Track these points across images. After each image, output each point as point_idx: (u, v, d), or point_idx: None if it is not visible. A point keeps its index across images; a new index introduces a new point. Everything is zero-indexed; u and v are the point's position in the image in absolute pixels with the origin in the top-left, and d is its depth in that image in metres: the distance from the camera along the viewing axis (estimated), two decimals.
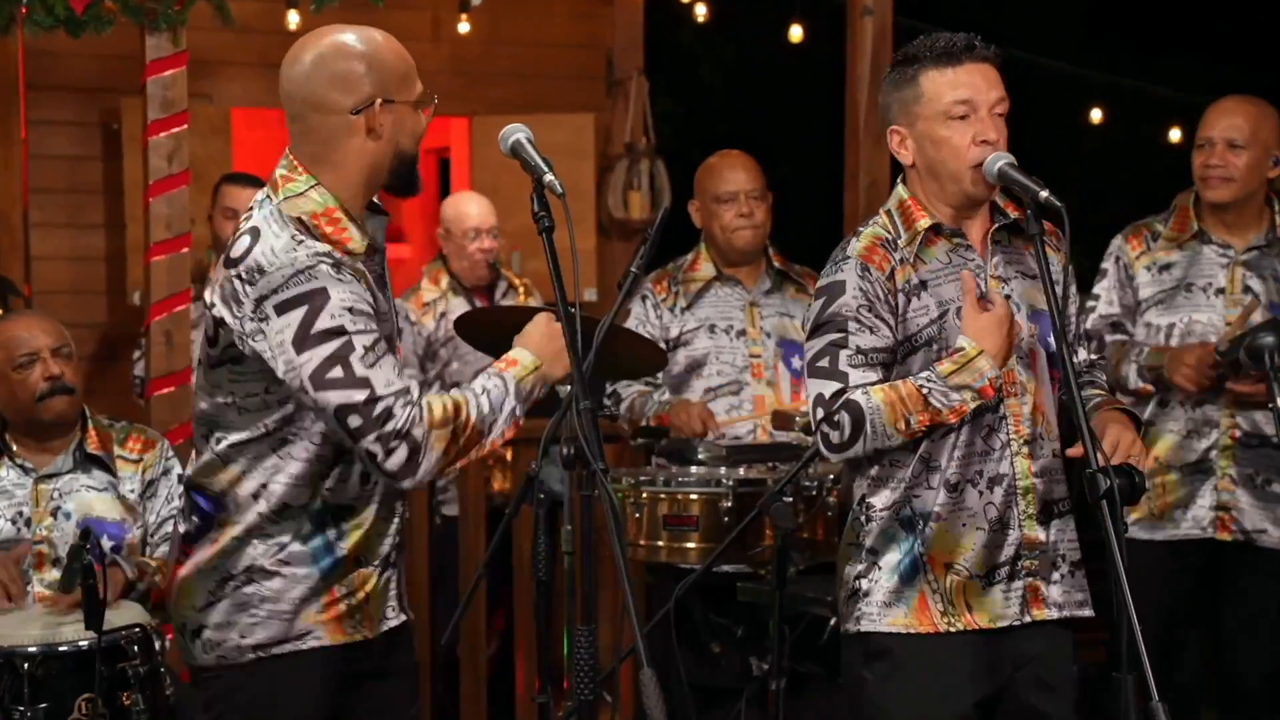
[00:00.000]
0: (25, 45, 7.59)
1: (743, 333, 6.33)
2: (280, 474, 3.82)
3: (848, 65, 7.15)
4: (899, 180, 4.22)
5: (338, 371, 3.68)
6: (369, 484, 3.86)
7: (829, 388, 4.02)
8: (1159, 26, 13.44)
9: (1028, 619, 4.09)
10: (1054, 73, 10.11)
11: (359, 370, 3.68)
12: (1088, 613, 4.17)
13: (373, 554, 3.90)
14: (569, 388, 3.78)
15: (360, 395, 3.67)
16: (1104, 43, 13.34)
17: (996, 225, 4.16)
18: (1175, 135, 9.62)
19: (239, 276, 3.74)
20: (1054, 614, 4.12)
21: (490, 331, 5.08)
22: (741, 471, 5.77)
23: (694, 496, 5.66)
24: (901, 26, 7.24)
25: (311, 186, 3.81)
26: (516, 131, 3.77)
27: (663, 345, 6.19)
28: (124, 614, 4.70)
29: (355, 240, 3.80)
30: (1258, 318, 5.61)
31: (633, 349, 5.44)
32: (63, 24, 6.00)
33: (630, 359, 5.48)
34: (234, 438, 3.84)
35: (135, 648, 4.63)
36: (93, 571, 4.33)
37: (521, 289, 7.66)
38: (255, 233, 3.78)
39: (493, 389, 3.85)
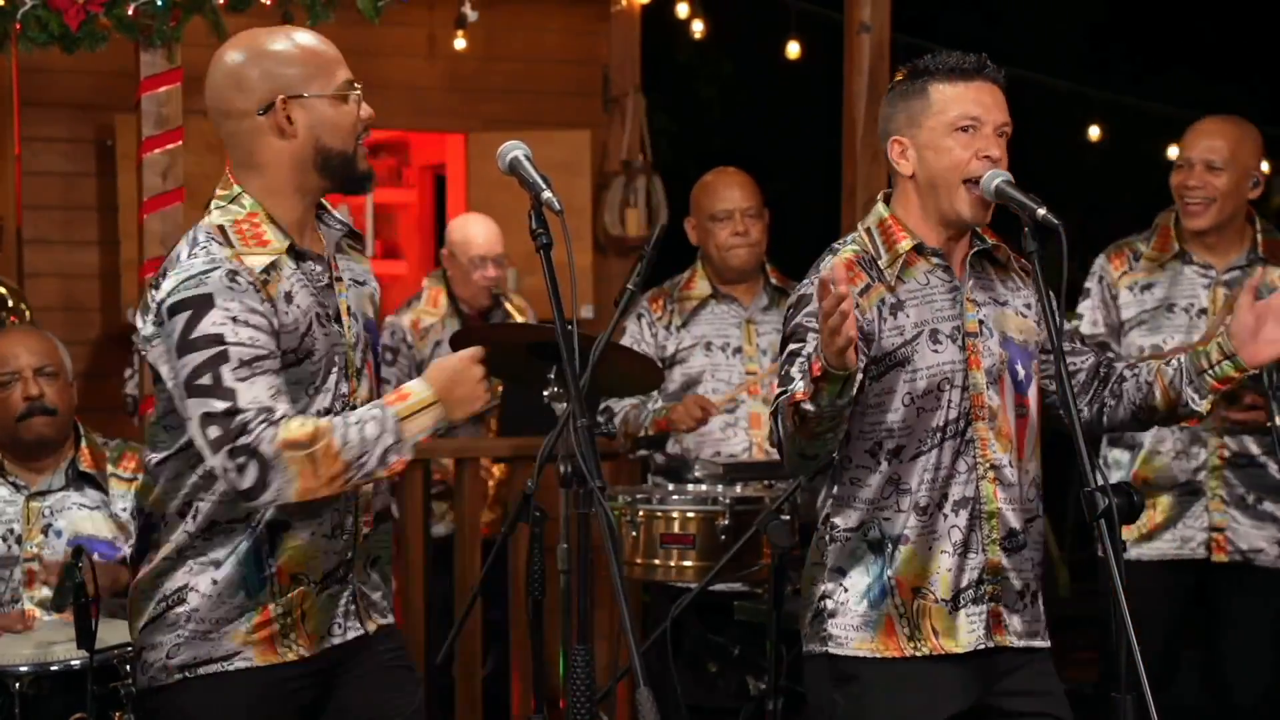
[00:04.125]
0: (19, 62, 7.60)
1: (739, 350, 6.31)
2: (206, 490, 3.80)
3: (845, 82, 7.14)
4: (880, 198, 4.21)
5: (207, 379, 3.62)
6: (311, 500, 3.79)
7: (775, 393, 4.00)
8: (1158, 44, 13.45)
9: (991, 644, 4.09)
10: (1053, 90, 10.11)
11: (227, 381, 3.60)
12: (1041, 644, 4.17)
13: (313, 571, 3.86)
14: (565, 405, 3.75)
15: (222, 405, 3.60)
16: (1103, 60, 13.34)
17: (975, 250, 4.16)
18: (1174, 152, 9.58)
19: (152, 285, 3.77)
20: (1016, 642, 4.12)
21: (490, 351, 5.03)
22: (738, 489, 5.75)
23: (690, 515, 5.64)
24: (899, 43, 7.24)
25: (238, 195, 3.83)
26: (515, 149, 3.75)
27: (658, 364, 6.17)
28: (116, 633, 4.67)
29: (274, 243, 3.78)
30: None
31: (630, 366, 5.42)
32: (57, 40, 5.99)
33: (627, 376, 5.47)
34: (159, 455, 3.83)
35: (127, 667, 4.60)
36: (84, 590, 4.31)
37: (518, 317, 7.58)
38: (175, 247, 3.82)
39: (369, 421, 3.68)
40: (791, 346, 4.01)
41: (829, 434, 3.85)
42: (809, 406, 3.73)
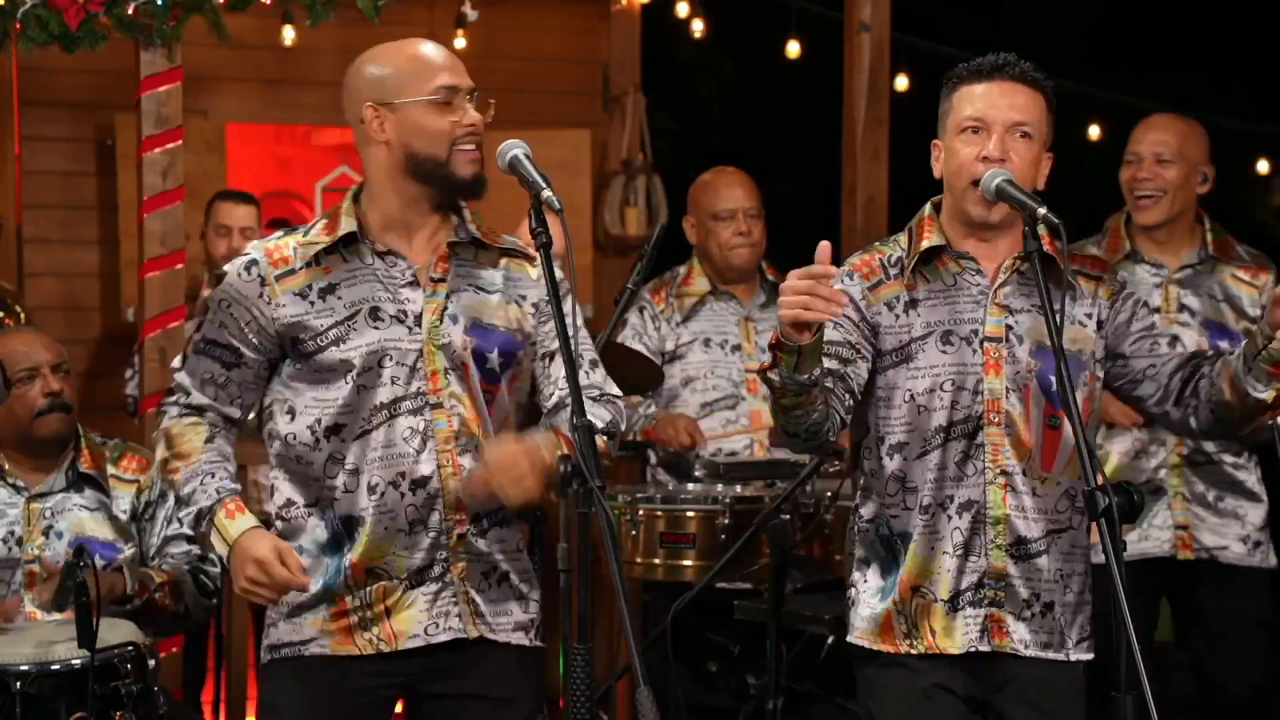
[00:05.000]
0: (19, 61, 7.60)
1: (738, 347, 6.31)
2: (279, 468, 4.00)
3: (845, 81, 7.14)
4: (931, 200, 4.22)
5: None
6: (375, 495, 3.87)
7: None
8: (1159, 43, 13.44)
9: (987, 647, 4.08)
10: (1054, 90, 10.09)
11: (188, 348, 4.03)
12: (1056, 656, 4.11)
13: (394, 567, 3.90)
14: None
15: (175, 366, 4.07)
16: (1103, 60, 13.33)
17: (1019, 254, 4.06)
18: None
19: None
20: (1024, 651, 4.09)
21: None
22: (739, 489, 5.75)
23: (691, 514, 5.64)
24: (899, 43, 7.24)
25: (352, 193, 4.02)
26: (514, 147, 3.76)
27: (659, 356, 6.18)
28: (117, 632, 4.67)
29: (335, 234, 3.94)
30: (1194, 333, 5.60)
31: (630, 365, 5.43)
32: (57, 40, 6.00)
33: (627, 375, 5.47)
34: None
35: (128, 666, 4.60)
36: (86, 590, 4.30)
37: None
38: None
39: (200, 503, 3.96)
40: None
41: (797, 411, 3.83)
42: (772, 376, 3.77)
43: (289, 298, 3.90)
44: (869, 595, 4.15)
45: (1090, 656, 4.15)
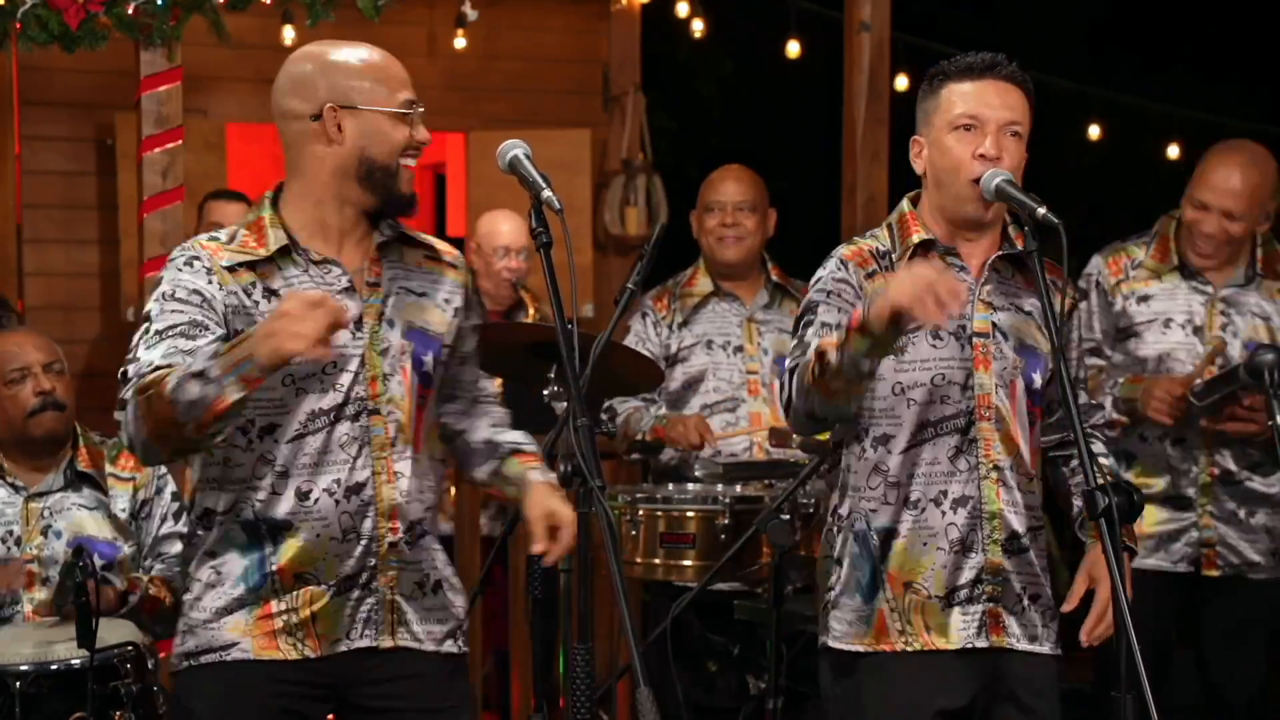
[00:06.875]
0: (19, 61, 7.60)
1: (740, 349, 6.31)
2: (199, 479, 3.87)
3: (845, 81, 7.14)
4: (907, 196, 4.22)
5: (130, 352, 3.76)
6: (307, 500, 3.80)
7: (791, 361, 4.03)
8: (1158, 44, 13.45)
9: (984, 643, 4.09)
10: (1054, 89, 10.09)
11: (139, 350, 3.71)
12: (1041, 649, 4.15)
13: (323, 573, 3.83)
14: (565, 404, 3.76)
15: (125, 368, 3.71)
16: (1103, 60, 13.34)
17: (1000, 254, 4.13)
18: (1174, 151, 9.62)
19: None
20: (1017, 645, 4.12)
21: (489, 350, 5.05)
22: (738, 489, 5.75)
23: (691, 514, 5.64)
24: (899, 43, 7.25)
25: (267, 199, 3.91)
26: (515, 147, 3.76)
27: (662, 362, 6.17)
28: (117, 632, 4.67)
29: (266, 246, 3.82)
30: (1235, 354, 5.56)
31: (630, 365, 5.43)
32: (57, 40, 6.00)
33: (627, 375, 5.47)
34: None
35: (128, 666, 4.60)
36: (85, 589, 4.30)
37: (533, 311, 7.54)
38: None
39: (198, 354, 3.61)
40: (805, 319, 4.08)
41: (840, 398, 3.85)
42: (831, 357, 3.73)
43: (235, 286, 3.79)
44: (848, 595, 4.14)
45: (1059, 652, 4.20)
